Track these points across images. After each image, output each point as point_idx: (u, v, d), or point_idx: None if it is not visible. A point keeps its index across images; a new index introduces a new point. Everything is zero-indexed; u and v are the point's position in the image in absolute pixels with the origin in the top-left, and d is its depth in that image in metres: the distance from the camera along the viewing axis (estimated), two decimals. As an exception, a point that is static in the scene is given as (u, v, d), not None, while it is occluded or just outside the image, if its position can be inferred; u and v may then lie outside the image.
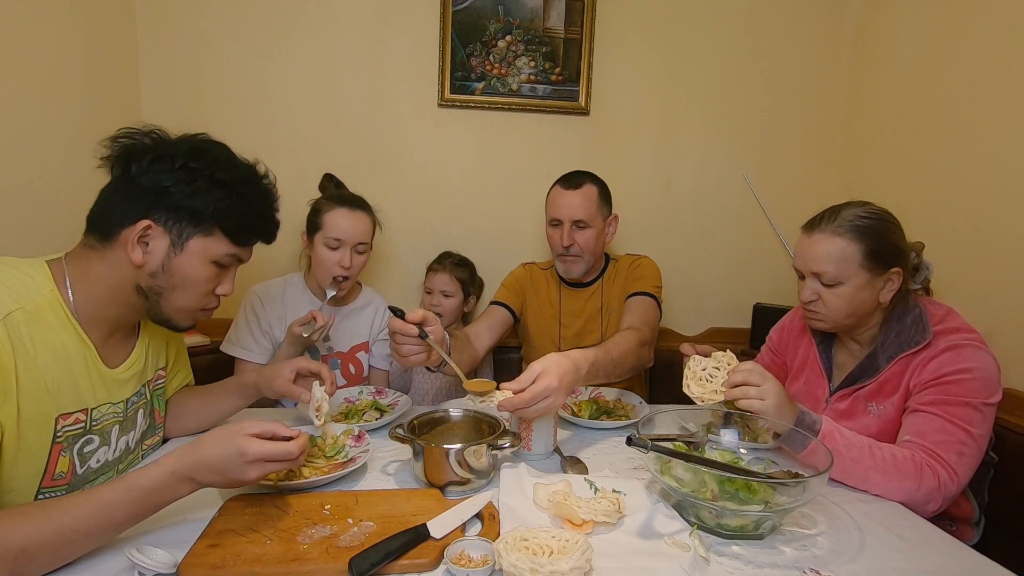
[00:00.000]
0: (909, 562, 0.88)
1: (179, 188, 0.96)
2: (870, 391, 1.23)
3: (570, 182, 1.70)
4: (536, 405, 1.08)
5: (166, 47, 1.92)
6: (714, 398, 1.12)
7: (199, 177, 0.97)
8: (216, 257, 1.02)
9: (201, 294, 1.04)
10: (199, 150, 1.00)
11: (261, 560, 0.80)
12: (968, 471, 1.09)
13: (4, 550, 0.72)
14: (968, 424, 1.09)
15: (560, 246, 1.69)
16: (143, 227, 0.95)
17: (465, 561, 0.80)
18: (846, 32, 2.15)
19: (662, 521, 0.95)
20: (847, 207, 1.21)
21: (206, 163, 0.98)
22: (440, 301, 1.88)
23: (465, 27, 2.00)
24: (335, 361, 1.71)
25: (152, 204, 0.96)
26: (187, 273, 1.00)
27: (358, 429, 1.22)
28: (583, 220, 1.67)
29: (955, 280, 1.67)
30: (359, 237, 1.61)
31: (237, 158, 1.06)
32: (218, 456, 0.84)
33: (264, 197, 1.07)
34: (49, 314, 0.93)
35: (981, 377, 1.11)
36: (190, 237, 0.98)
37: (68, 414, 0.95)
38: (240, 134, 2.04)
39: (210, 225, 0.99)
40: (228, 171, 1.01)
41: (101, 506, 0.79)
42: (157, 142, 1.00)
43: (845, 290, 1.18)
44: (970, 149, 1.65)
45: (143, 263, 0.97)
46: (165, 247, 0.97)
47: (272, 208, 1.10)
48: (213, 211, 0.98)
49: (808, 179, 2.21)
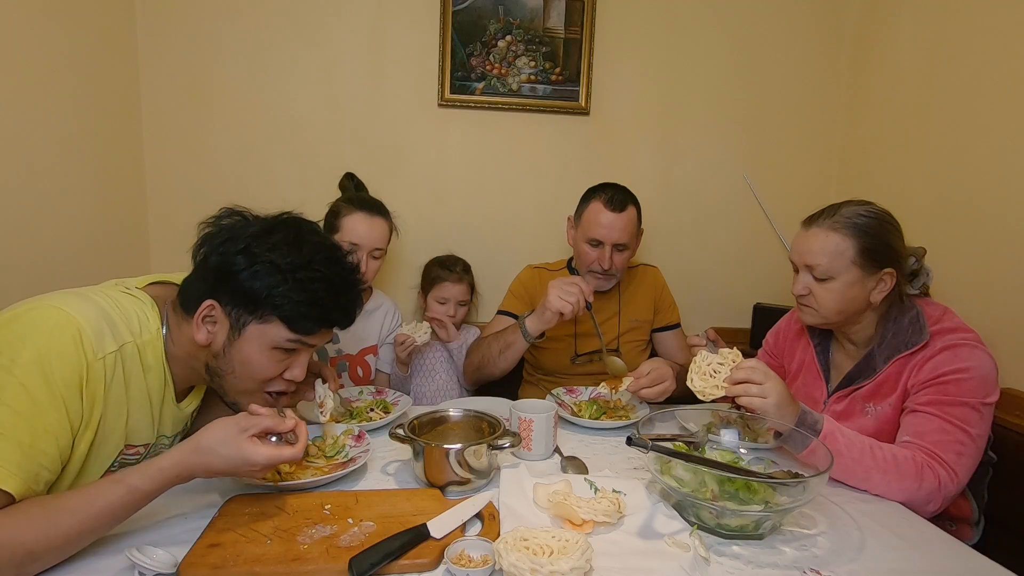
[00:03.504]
0: (909, 562, 0.88)
1: (240, 272, 0.93)
2: (867, 392, 1.23)
3: (615, 204, 1.62)
4: (656, 387, 1.37)
5: (166, 47, 1.92)
6: (715, 393, 1.12)
7: (258, 261, 0.93)
8: (276, 344, 0.97)
9: (261, 379, 0.99)
10: (265, 232, 0.96)
11: (261, 560, 0.80)
12: (967, 471, 1.09)
13: (12, 553, 0.73)
14: (966, 424, 1.09)
15: (598, 266, 1.65)
16: (206, 307, 0.94)
17: (465, 561, 0.80)
18: (846, 32, 2.15)
19: (662, 521, 0.95)
20: (848, 204, 1.22)
21: (267, 246, 0.94)
22: (455, 311, 1.86)
23: (465, 27, 2.00)
24: (343, 364, 1.71)
25: (216, 286, 0.94)
26: (245, 358, 0.96)
27: (358, 429, 1.22)
28: (625, 243, 1.64)
29: (955, 280, 1.67)
30: (375, 243, 1.59)
31: (308, 238, 0.98)
32: (225, 464, 0.86)
33: (329, 281, 0.97)
34: (150, 352, 0.95)
35: (978, 376, 1.11)
36: (247, 324, 0.95)
37: (132, 446, 0.96)
38: (240, 134, 2.07)
39: (267, 311, 0.94)
40: (289, 254, 0.94)
41: (104, 508, 0.79)
42: (233, 223, 0.98)
43: (836, 285, 1.18)
44: (970, 149, 1.65)
45: (207, 343, 0.96)
46: (227, 330, 0.95)
47: (341, 294, 1.00)
48: (267, 297, 0.93)
49: (808, 179, 2.21)
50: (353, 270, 1.03)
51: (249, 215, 1.00)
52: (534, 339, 1.53)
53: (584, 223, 1.67)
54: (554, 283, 1.46)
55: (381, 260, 1.65)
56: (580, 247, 1.69)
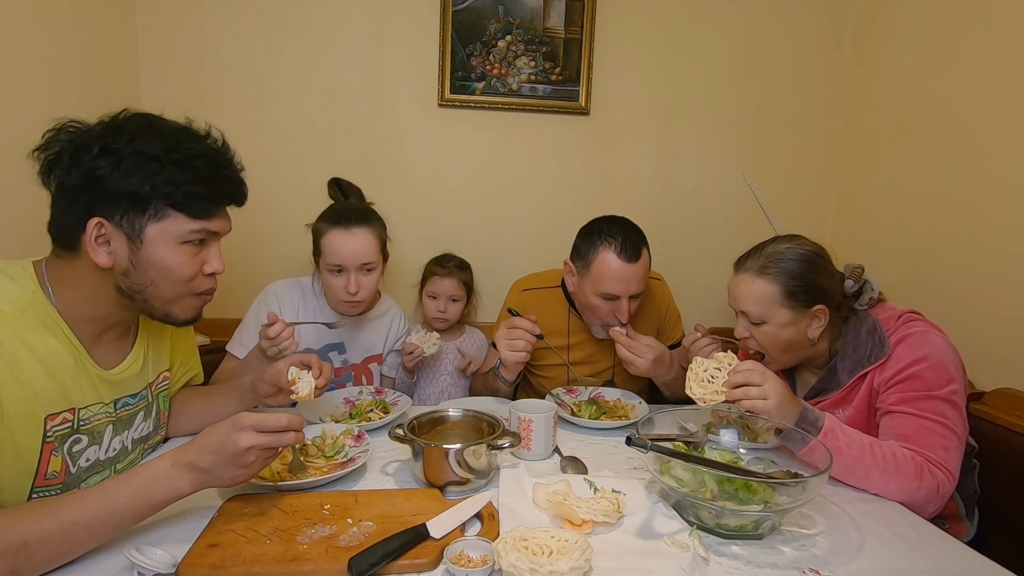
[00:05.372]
0: (908, 562, 0.88)
1: (108, 175, 0.86)
2: (835, 400, 1.25)
3: (628, 253, 1.42)
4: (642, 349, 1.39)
5: (166, 48, 1.92)
6: (715, 399, 1.12)
7: (123, 157, 0.86)
8: (182, 237, 0.92)
9: (185, 280, 0.96)
10: (113, 128, 0.89)
11: (260, 560, 0.80)
12: (957, 464, 1.10)
13: (7, 544, 0.72)
14: (942, 417, 1.10)
15: (615, 319, 1.47)
16: (94, 227, 0.88)
17: (464, 561, 0.80)
18: (846, 32, 2.15)
19: (661, 521, 0.95)
20: (773, 244, 1.25)
21: (126, 139, 0.87)
22: (447, 307, 1.83)
23: (465, 27, 2.00)
24: (348, 374, 1.65)
25: (90, 201, 0.87)
26: (159, 263, 0.91)
27: (357, 429, 1.22)
28: (642, 291, 1.49)
29: (954, 280, 1.67)
30: (361, 258, 1.46)
31: (161, 124, 0.93)
32: (214, 433, 0.85)
33: (207, 156, 0.94)
34: (32, 316, 0.89)
35: (936, 362, 1.12)
36: (144, 226, 0.89)
37: (55, 414, 0.92)
38: (240, 135, 2.05)
39: (158, 205, 0.89)
40: (152, 141, 0.88)
41: (100, 496, 0.79)
42: (72, 135, 0.90)
43: (770, 328, 1.22)
44: (969, 149, 1.65)
45: (111, 264, 0.90)
46: (125, 242, 0.90)
47: (219, 166, 0.96)
48: (152, 189, 0.88)
49: (808, 179, 2.21)
50: (219, 141, 0.99)
51: (76, 123, 0.91)
52: (515, 382, 1.55)
53: (594, 276, 1.46)
54: (498, 336, 1.44)
55: (377, 271, 1.52)
56: (589, 300, 1.49)
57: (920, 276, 1.79)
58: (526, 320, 1.44)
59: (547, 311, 1.64)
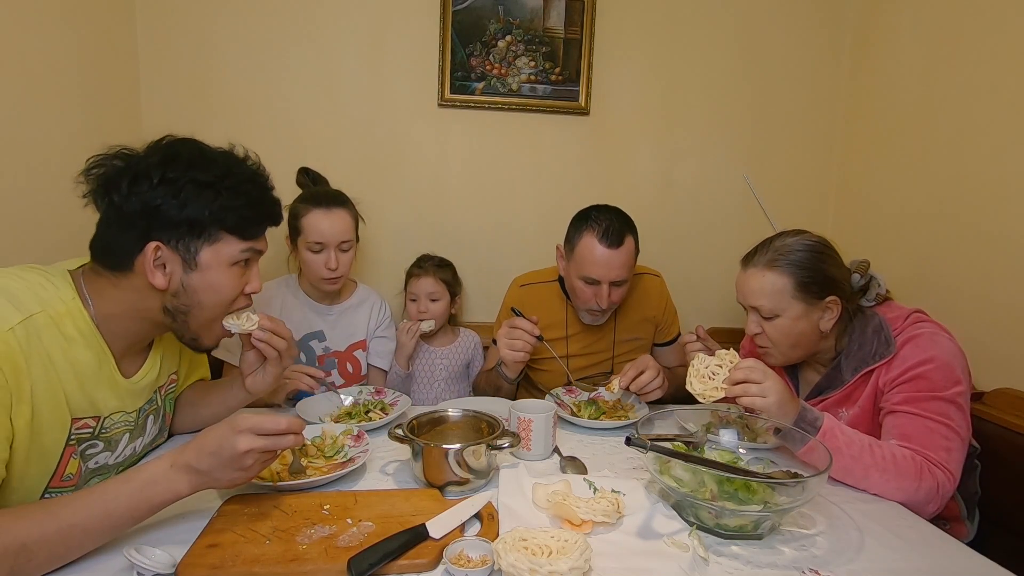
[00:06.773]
0: (908, 562, 0.88)
1: (167, 203, 0.92)
2: (838, 399, 1.25)
3: (611, 239, 1.47)
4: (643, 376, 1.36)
5: (166, 49, 1.92)
6: (715, 395, 1.12)
7: (182, 186, 0.92)
8: (233, 259, 0.99)
9: (229, 300, 1.02)
10: (170, 157, 0.95)
11: (260, 560, 0.80)
12: (958, 465, 1.10)
13: (5, 546, 0.72)
14: (946, 418, 1.10)
15: (595, 304, 1.54)
16: (153, 250, 0.92)
17: (464, 561, 0.80)
18: (846, 32, 2.15)
19: (661, 521, 0.95)
20: (780, 238, 1.24)
21: (182, 169, 0.93)
22: (427, 307, 1.80)
23: (465, 27, 2.00)
24: (331, 361, 1.70)
25: (149, 226, 0.92)
26: (209, 284, 0.97)
27: (357, 429, 1.22)
28: (623, 279, 1.52)
29: (954, 280, 1.67)
30: (340, 236, 1.58)
31: (210, 151, 1.00)
32: (213, 435, 0.85)
33: (253, 181, 1.02)
34: (69, 323, 0.92)
35: (943, 363, 1.12)
36: (199, 250, 0.96)
37: (79, 419, 0.95)
38: (240, 135, 2.03)
39: (214, 230, 0.96)
40: (207, 169, 0.95)
41: (99, 498, 0.79)
42: (128, 161, 0.95)
43: (783, 322, 1.21)
44: (969, 148, 1.65)
45: (167, 286, 0.95)
46: (180, 264, 0.95)
47: (265, 189, 1.04)
48: (210, 215, 0.94)
49: (808, 179, 2.21)
50: (258, 164, 1.06)
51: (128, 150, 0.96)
52: (517, 379, 1.57)
53: (578, 259, 1.51)
54: (499, 334, 1.47)
55: (353, 250, 1.64)
56: (574, 283, 1.56)
57: (919, 276, 1.79)
58: (527, 321, 1.47)
59: (544, 304, 1.70)
